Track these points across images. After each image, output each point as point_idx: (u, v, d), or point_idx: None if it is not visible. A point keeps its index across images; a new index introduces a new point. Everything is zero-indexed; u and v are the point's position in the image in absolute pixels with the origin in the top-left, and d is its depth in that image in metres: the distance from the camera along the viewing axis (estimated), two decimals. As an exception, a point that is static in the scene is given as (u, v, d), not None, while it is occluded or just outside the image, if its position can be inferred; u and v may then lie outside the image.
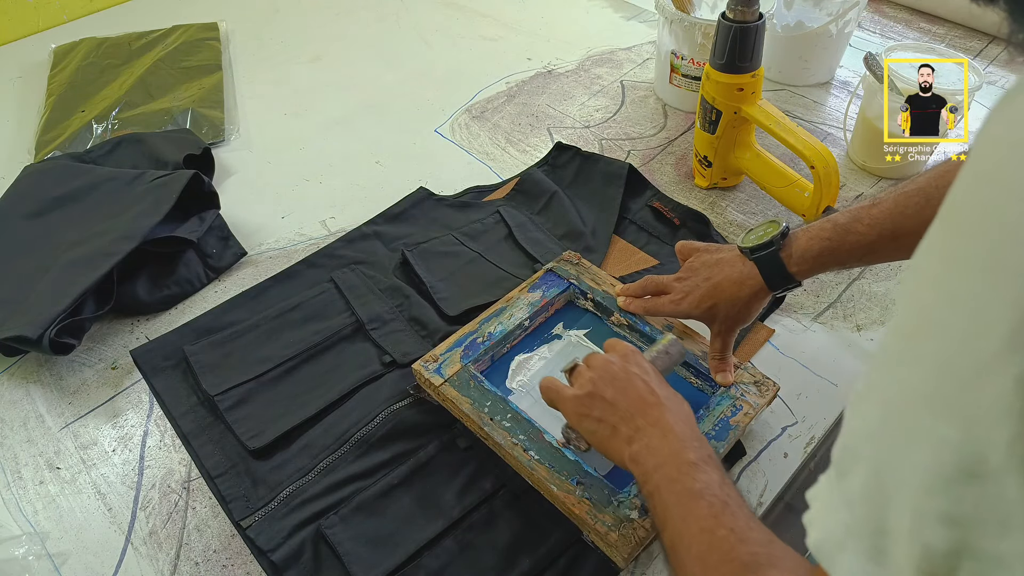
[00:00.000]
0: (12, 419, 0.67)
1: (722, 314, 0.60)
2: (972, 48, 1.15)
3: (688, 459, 0.45)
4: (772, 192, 0.84)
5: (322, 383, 0.67)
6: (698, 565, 0.40)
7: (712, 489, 0.43)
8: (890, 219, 0.55)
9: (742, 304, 0.60)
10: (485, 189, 0.89)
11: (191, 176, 0.79)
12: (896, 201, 0.56)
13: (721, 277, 0.61)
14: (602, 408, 0.51)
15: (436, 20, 1.24)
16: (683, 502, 0.43)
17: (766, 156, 0.84)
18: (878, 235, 0.55)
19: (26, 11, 1.21)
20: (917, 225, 0.54)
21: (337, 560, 0.55)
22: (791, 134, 0.78)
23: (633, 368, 0.53)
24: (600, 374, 0.53)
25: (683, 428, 0.48)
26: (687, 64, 0.96)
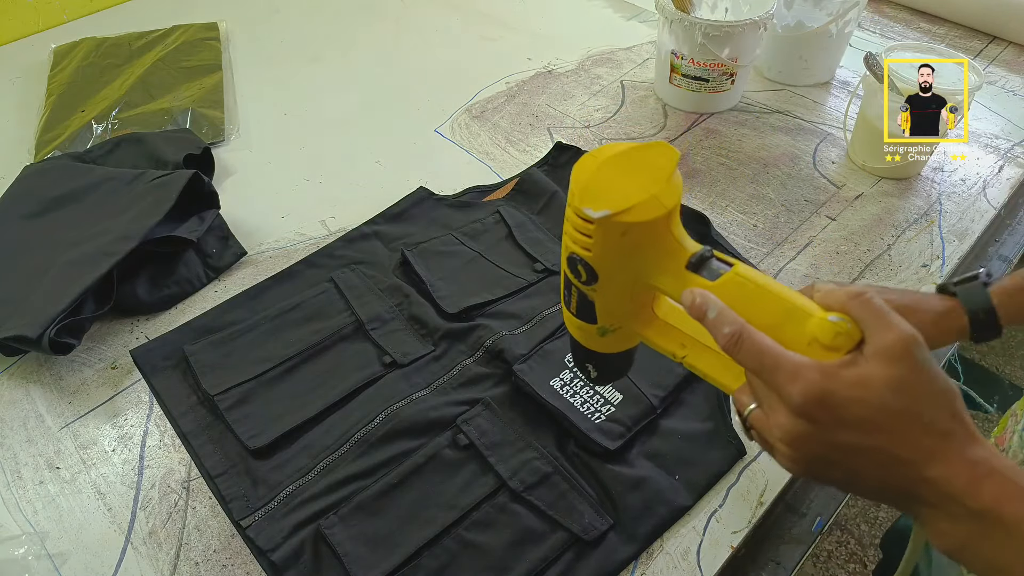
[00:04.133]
0: (12, 419, 0.67)
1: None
2: (972, 48, 1.15)
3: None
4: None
5: (322, 383, 0.67)
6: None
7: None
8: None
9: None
10: (485, 189, 0.89)
11: (191, 176, 0.79)
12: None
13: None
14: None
15: (436, 20, 1.24)
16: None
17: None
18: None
19: (26, 11, 1.21)
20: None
21: (337, 560, 0.55)
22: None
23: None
24: (803, 454, 0.36)
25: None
26: (687, 64, 0.96)
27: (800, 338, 0.36)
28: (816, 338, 0.35)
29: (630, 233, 0.39)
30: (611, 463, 0.60)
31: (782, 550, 0.59)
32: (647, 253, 0.40)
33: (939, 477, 0.33)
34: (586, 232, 0.39)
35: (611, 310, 0.44)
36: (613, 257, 0.40)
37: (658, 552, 0.57)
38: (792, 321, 0.36)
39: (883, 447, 0.34)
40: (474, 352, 0.69)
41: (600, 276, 0.41)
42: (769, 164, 0.93)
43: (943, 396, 0.34)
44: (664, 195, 0.38)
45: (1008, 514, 0.32)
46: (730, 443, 0.62)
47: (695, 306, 0.38)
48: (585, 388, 0.64)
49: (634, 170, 0.40)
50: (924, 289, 0.77)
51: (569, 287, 0.45)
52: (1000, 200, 0.88)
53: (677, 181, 0.40)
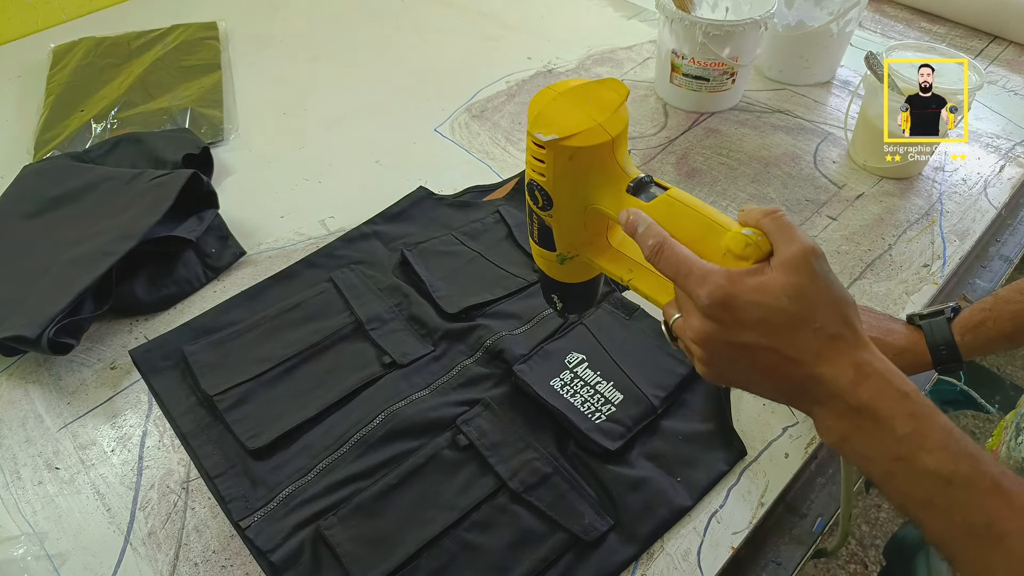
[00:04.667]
0: (11, 419, 0.67)
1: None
2: (973, 48, 1.15)
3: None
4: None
5: (321, 383, 0.67)
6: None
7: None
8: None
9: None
10: (485, 189, 0.88)
11: (190, 175, 0.79)
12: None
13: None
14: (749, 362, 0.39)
15: (436, 20, 1.24)
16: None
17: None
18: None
19: (25, 10, 1.21)
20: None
21: (336, 561, 0.55)
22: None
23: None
24: (711, 355, 0.39)
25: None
26: (688, 63, 0.96)
27: (717, 250, 0.39)
28: (729, 249, 0.39)
29: (576, 157, 0.43)
30: (611, 463, 0.60)
31: (783, 551, 0.59)
32: (593, 177, 0.44)
33: (826, 375, 0.36)
34: (539, 157, 0.44)
35: (567, 236, 0.48)
36: (563, 181, 0.44)
37: (658, 553, 0.56)
38: (711, 234, 0.40)
39: (777, 347, 0.37)
40: (474, 352, 0.68)
41: (554, 201, 0.45)
42: (770, 164, 0.93)
43: (835, 303, 0.37)
44: (609, 124, 0.42)
45: (882, 410, 0.35)
46: (731, 444, 0.62)
47: (628, 223, 0.42)
48: (585, 388, 0.64)
49: (585, 102, 0.44)
50: (924, 289, 0.77)
51: (531, 215, 0.49)
52: (1001, 200, 0.88)
53: (623, 113, 0.43)
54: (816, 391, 0.37)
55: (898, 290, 0.77)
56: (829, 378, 0.36)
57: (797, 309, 0.36)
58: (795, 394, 0.38)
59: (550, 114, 0.43)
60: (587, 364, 0.66)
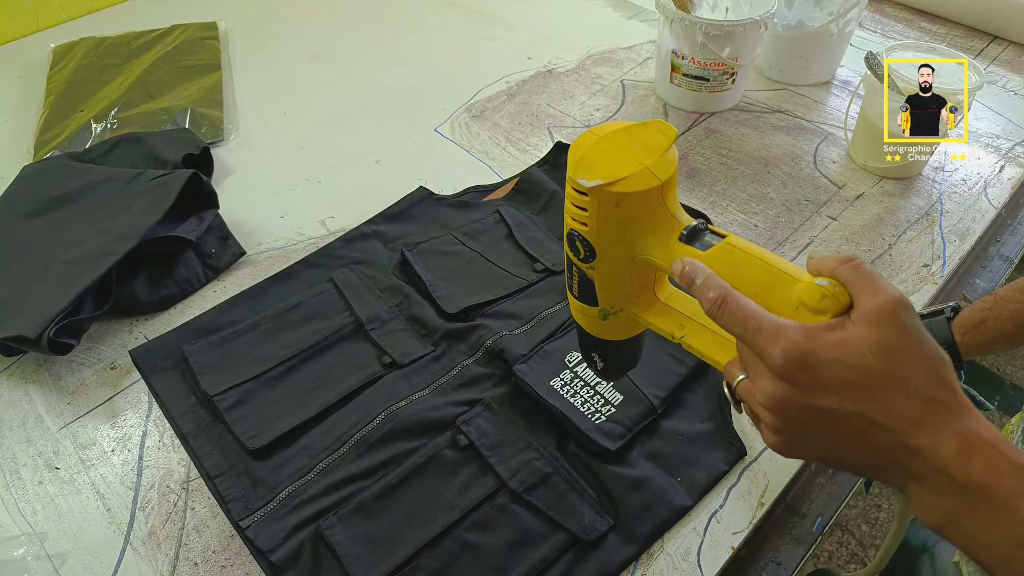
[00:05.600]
0: (11, 419, 0.67)
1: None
2: (973, 48, 1.15)
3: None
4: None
5: (321, 383, 0.67)
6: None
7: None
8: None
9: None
10: (485, 189, 0.88)
11: (190, 175, 0.79)
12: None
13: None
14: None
15: (436, 20, 1.24)
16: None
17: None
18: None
19: (25, 10, 1.21)
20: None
21: (336, 561, 0.55)
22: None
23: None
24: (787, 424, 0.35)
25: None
26: (688, 63, 0.96)
27: (788, 303, 0.36)
28: (803, 301, 0.35)
29: (623, 204, 0.39)
30: (611, 463, 0.60)
31: (783, 551, 0.59)
32: (641, 225, 0.41)
33: (925, 447, 0.32)
34: (582, 205, 0.40)
35: (611, 290, 0.45)
36: (608, 230, 0.41)
37: (659, 553, 0.56)
38: (780, 286, 0.36)
39: (865, 412, 0.32)
40: (474, 352, 0.68)
41: (597, 252, 0.42)
42: (770, 164, 0.93)
43: (930, 362, 0.33)
44: (658, 168, 0.39)
45: (998, 489, 0.31)
46: (731, 444, 0.62)
47: (684, 274, 0.39)
48: (585, 388, 0.64)
49: (629, 145, 0.40)
50: (924, 288, 0.77)
51: (571, 268, 0.45)
52: (1001, 200, 0.88)
53: (672, 156, 0.40)
54: (912, 465, 0.32)
55: (898, 290, 0.77)
56: (929, 450, 0.32)
57: (887, 369, 0.32)
58: (885, 467, 0.34)
59: (593, 159, 0.40)
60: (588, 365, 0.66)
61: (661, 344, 0.68)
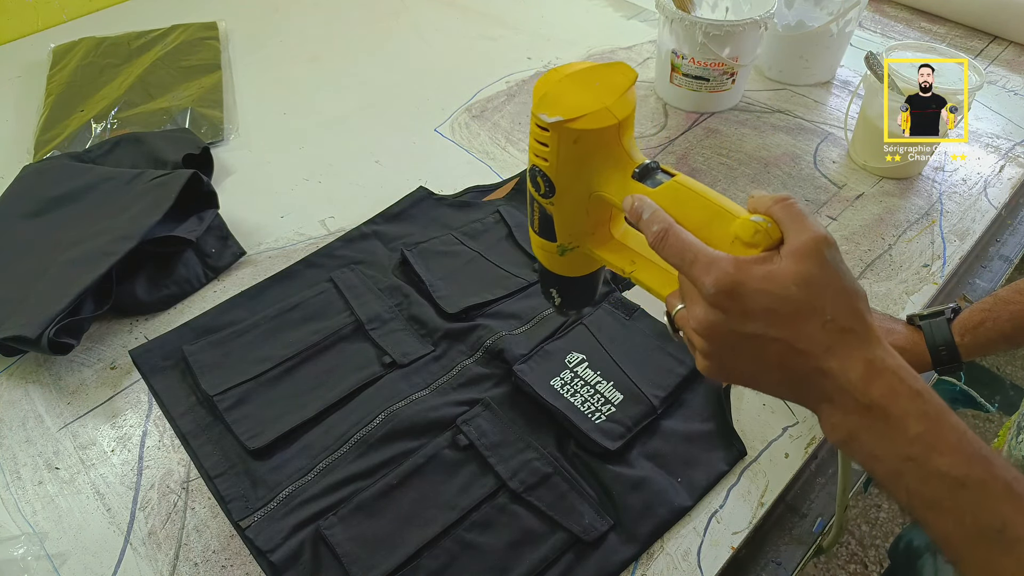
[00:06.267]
0: (11, 419, 0.67)
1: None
2: (973, 48, 1.15)
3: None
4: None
5: (321, 383, 0.67)
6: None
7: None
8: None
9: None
10: (485, 189, 0.88)
11: (190, 175, 0.79)
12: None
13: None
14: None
15: (436, 20, 1.24)
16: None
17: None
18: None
19: (25, 10, 1.21)
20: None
21: (336, 561, 0.55)
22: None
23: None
24: (716, 347, 0.38)
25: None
26: (688, 63, 0.96)
27: (725, 237, 0.38)
28: (738, 236, 0.37)
29: (581, 140, 0.41)
30: (611, 463, 0.60)
31: (783, 551, 0.59)
32: (598, 162, 0.42)
33: (835, 370, 0.35)
34: (543, 140, 0.42)
35: (569, 226, 0.47)
36: (567, 166, 0.43)
37: (659, 553, 0.56)
38: (719, 221, 0.38)
39: (784, 338, 0.35)
40: (474, 352, 0.68)
41: (556, 187, 0.44)
42: (770, 164, 0.93)
43: (846, 295, 0.35)
44: (616, 107, 0.41)
45: (893, 409, 0.34)
46: (731, 444, 0.62)
47: (632, 209, 0.41)
48: (585, 388, 0.64)
49: (591, 85, 0.42)
50: (924, 289, 0.77)
51: (532, 203, 0.47)
52: (1001, 200, 0.88)
53: (631, 97, 0.42)
54: (824, 386, 0.35)
55: (898, 290, 0.77)
56: (838, 373, 0.35)
57: (807, 299, 0.35)
58: (801, 389, 0.37)
59: (556, 95, 0.41)
60: (587, 364, 0.66)
61: (661, 344, 0.68)
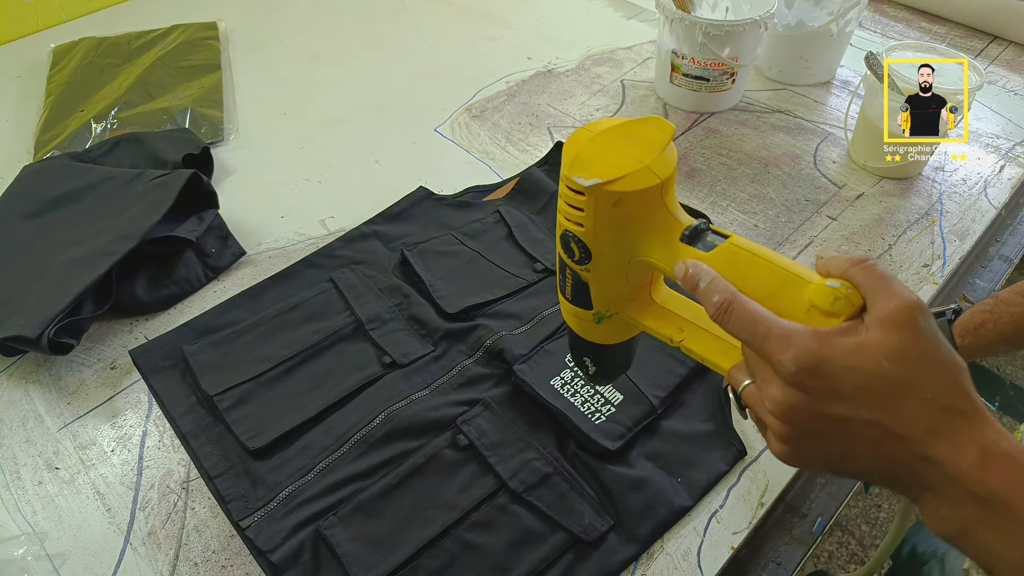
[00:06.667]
0: (11, 419, 0.67)
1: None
2: (973, 48, 1.15)
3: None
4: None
5: (321, 383, 0.67)
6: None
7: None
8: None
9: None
10: (485, 189, 0.88)
11: (190, 175, 0.79)
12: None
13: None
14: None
15: (436, 20, 1.24)
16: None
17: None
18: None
19: (25, 10, 1.21)
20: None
21: (336, 561, 0.55)
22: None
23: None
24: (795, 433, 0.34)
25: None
26: (688, 63, 0.96)
27: (798, 306, 0.34)
28: (814, 304, 0.33)
29: (622, 203, 0.38)
30: (611, 463, 0.60)
31: (783, 551, 0.59)
32: (640, 226, 0.39)
33: (941, 457, 0.31)
34: (577, 205, 0.39)
35: (606, 293, 0.43)
36: (605, 231, 0.39)
37: (659, 553, 0.56)
38: (789, 288, 0.34)
39: (879, 420, 0.31)
40: (474, 352, 0.68)
41: (593, 253, 0.40)
42: (770, 164, 0.93)
43: (948, 368, 0.31)
44: (657, 166, 0.38)
45: (1016, 502, 0.30)
46: (731, 444, 0.62)
47: (687, 276, 0.37)
48: (586, 388, 0.64)
49: (627, 142, 0.39)
50: (924, 289, 0.76)
51: (564, 270, 0.43)
52: (1001, 200, 0.88)
53: (671, 154, 0.39)
54: (927, 474, 0.31)
55: (898, 290, 0.77)
56: (946, 460, 0.30)
57: (903, 375, 0.31)
58: (899, 476, 0.32)
59: (589, 156, 0.38)
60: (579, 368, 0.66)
61: (661, 344, 0.68)
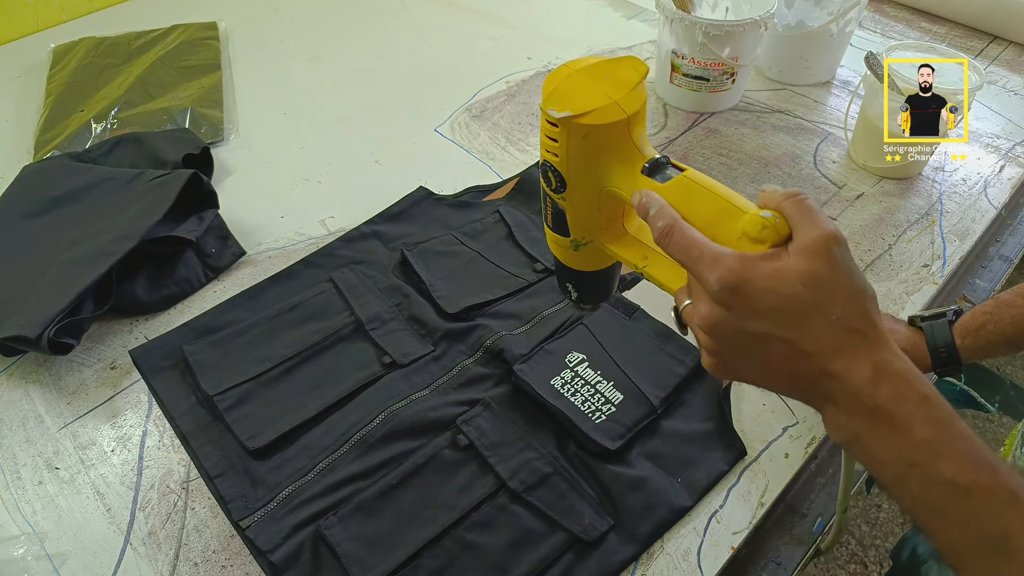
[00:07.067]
0: (11, 419, 0.67)
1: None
2: (973, 48, 1.15)
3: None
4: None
5: (321, 383, 0.67)
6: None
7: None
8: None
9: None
10: (485, 189, 0.88)
11: (190, 175, 0.79)
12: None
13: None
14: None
15: (436, 20, 1.24)
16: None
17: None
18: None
19: (25, 10, 1.21)
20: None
21: (336, 561, 0.55)
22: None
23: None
24: (720, 345, 0.38)
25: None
26: (688, 63, 0.96)
27: (732, 233, 0.37)
28: (745, 232, 0.37)
29: (591, 136, 0.41)
30: (611, 463, 0.60)
31: (783, 551, 0.59)
32: (608, 157, 0.42)
33: (841, 372, 0.34)
34: (553, 136, 0.42)
35: (581, 221, 0.46)
36: (577, 161, 0.43)
37: (658, 553, 0.56)
38: (727, 217, 0.38)
39: (790, 338, 0.34)
40: (474, 352, 0.68)
41: (568, 182, 0.44)
42: (770, 164, 0.93)
43: (855, 295, 0.35)
44: (626, 102, 0.40)
45: (899, 413, 0.33)
46: (731, 444, 0.62)
47: (640, 204, 0.40)
48: (586, 387, 0.64)
49: (601, 79, 0.42)
50: (924, 289, 0.76)
51: (545, 199, 0.47)
52: (1001, 200, 0.88)
53: (641, 91, 0.42)
54: (829, 387, 0.35)
55: (898, 290, 0.77)
56: (844, 375, 0.34)
57: (813, 298, 0.34)
58: (805, 389, 0.36)
59: (565, 90, 0.41)
60: (587, 363, 0.66)
61: (661, 344, 0.68)
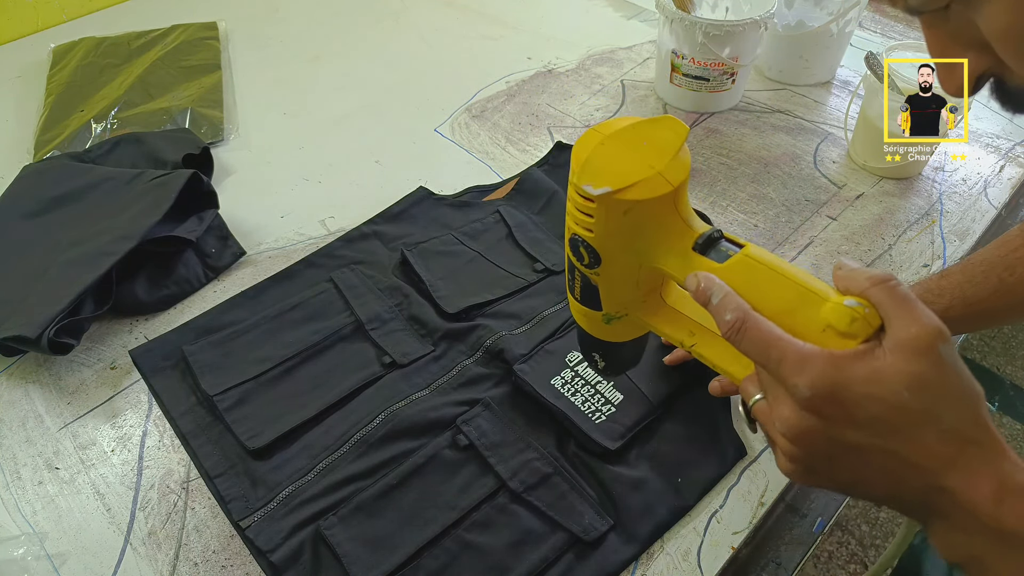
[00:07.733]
0: (11, 419, 0.67)
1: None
2: (973, 48, 1.14)
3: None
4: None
5: (321, 383, 0.67)
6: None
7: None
8: (959, 288, 0.56)
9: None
10: (485, 189, 0.88)
11: (190, 175, 0.79)
12: (963, 270, 0.57)
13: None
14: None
15: (436, 20, 1.24)
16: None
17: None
18: (949, 303, 0.55)
19: (25, 10, 1.21)
20: (987, 294, 0.55)
21: (336, 561, 0.55)
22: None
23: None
24: (808, 455, 0.34)
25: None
26: (688, 63, 0.96)
27: (814, 325, 0.33)
28: (830, 324, 0.32)
29: (633, 212, 0.36)
30: (611, 463, 0.60)
31: (783, 551, 0.59)
32: (651, 233, 0.38)
33: (956, 487, 0.30)
34: (587, 211, 0.37)
35: (616, 296, 0.42)
36: (616, 238, 0.38)
37: (658, 553, 0.56)
38: (806, 306, 0.33)
39: (896, 451, 0.31)
40: (474, 352, 0.68)
41: (603, 258, 0.39)
42: (770, 164, 0.93)
43: (967, 399, 0.31)
44: (670, 172, 0.36)
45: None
46: (731, 444, 0.62)
47: (699, 291, 0.36)
48: (586, 387, 0.64)
49: (639, 145, 0.37)
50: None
51: (572, 271, 0.42)
52: (1001, 200, 0.88)
53: (685, 157, 0.37)
54: (941, 503, 0.31)
55: (898, 290, 0.77)
56: (961, 491, 0.30)
57: (921, 405, 0.30)
58: (909, 501, 0.32)
59: (600, 161, 0.36)
60: (588, 363, 0.66)
61: (661, 344, 0.68)
